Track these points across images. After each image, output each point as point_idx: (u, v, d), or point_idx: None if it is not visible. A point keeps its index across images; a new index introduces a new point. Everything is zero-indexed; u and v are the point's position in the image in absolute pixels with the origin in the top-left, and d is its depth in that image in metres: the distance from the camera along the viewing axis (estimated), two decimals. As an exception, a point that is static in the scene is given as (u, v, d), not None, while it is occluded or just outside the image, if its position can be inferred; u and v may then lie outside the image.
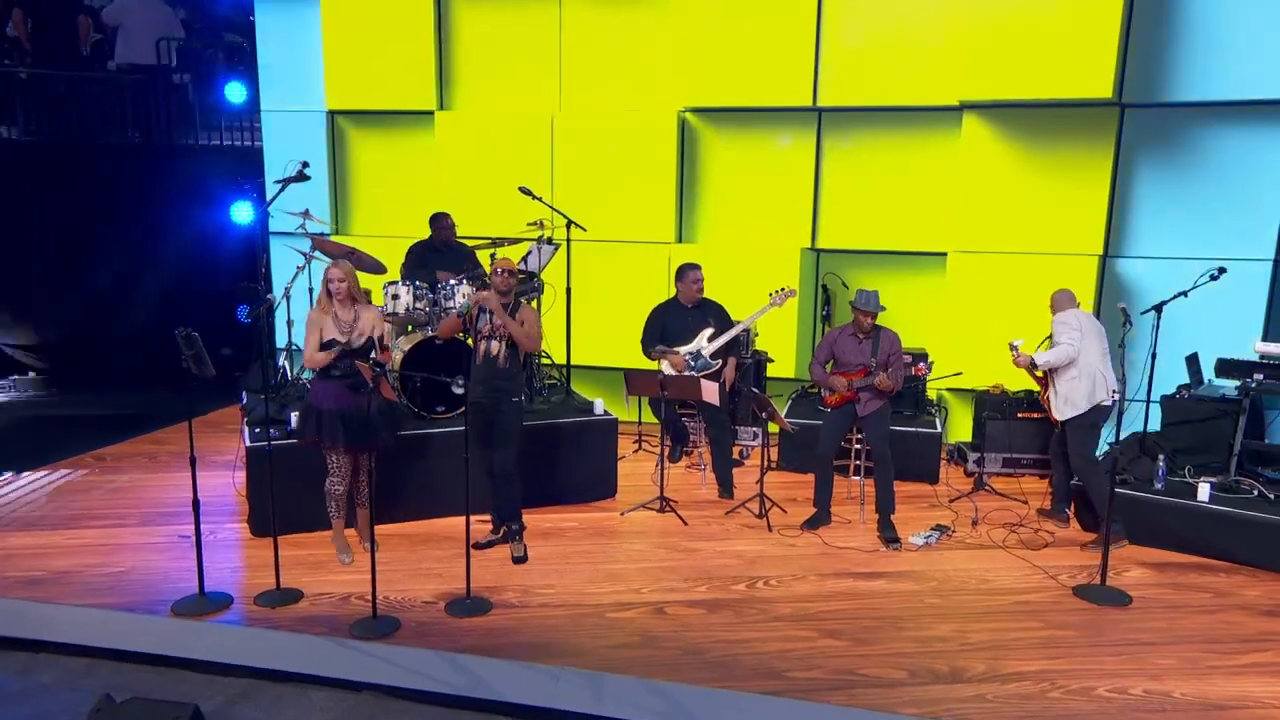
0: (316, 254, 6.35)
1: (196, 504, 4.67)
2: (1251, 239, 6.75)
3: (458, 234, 7.04)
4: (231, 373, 7.39)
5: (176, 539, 5.51)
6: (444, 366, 5.82)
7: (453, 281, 6.30)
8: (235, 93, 9.21)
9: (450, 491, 5.64)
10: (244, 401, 6.56)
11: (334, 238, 7.92)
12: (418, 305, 6.19)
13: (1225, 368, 5.64)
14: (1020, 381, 6.79)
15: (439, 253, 6.96)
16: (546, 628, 4.50)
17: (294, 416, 5.52)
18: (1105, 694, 3.88)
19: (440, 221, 7.02)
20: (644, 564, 5.29)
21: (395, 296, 6.18)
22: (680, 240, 7.99)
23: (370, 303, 5.40)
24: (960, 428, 7.44)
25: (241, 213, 8.52)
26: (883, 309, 5.70)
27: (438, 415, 6.02)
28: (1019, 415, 6.59)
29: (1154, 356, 5.59)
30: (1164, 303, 5.59)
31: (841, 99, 7.51)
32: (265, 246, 7.74)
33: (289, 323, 6.71)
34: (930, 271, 7.55)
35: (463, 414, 5.13)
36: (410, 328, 6.41)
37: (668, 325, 6.49)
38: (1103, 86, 6.49)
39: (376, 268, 6.29)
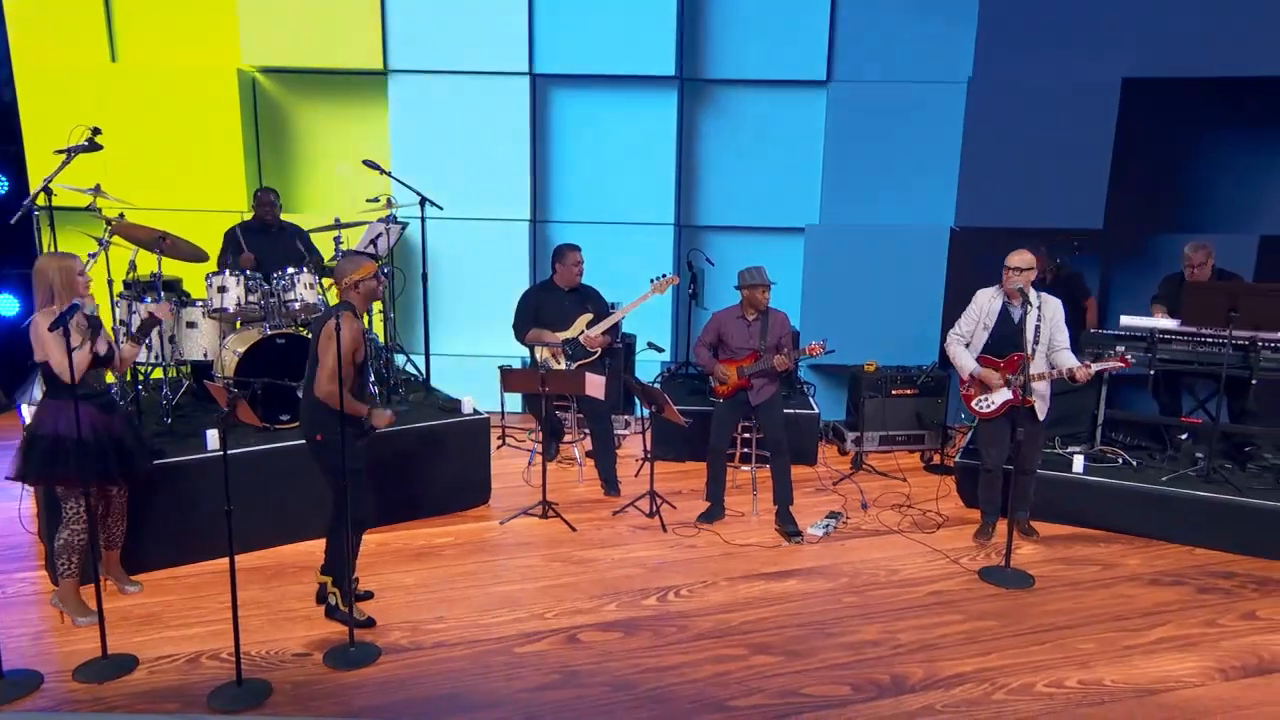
0: (115, 239, 5.26)
1: (-12, 566, 3.70)
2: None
3: (281, 213, 6.14)
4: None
5: (-50, 599, 4.43)
6: (286, 370, 5.05)
7: (291, 270, 5.44)
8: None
9: (303, 511, 4.92)
10: (25, 421, 5.38)
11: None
12: (250, 299, 5.29)
13: (1089, 340, 5.84)
14: (893, 360, 6.83)
15: (263, 234, 6.04)
16: (450, 673, 3.92)
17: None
18: (1045, 689, 3.83)
19: (261, 197, 6.08)
20: (540, 582, 4.80)
21: (222, 289, 5.24)
22: (536, 218, 7.40)
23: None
24: (824, 406, 7.39)
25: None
26: (774, 282, 5.42)
27: (282, 425, 5.19)
28: (893, 393, 6.60)
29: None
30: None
31: (705, 70, 7.19)
32: (36, 226, 6.40)
33: (80, 321, 5.55)
34: (790, 247, 7.41)
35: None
36: (239, 324, 5.49)
37: (543, 310, 5.95)
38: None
39: (196, 255, 5.30)
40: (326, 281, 5.71)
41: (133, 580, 4.59)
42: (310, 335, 4.20)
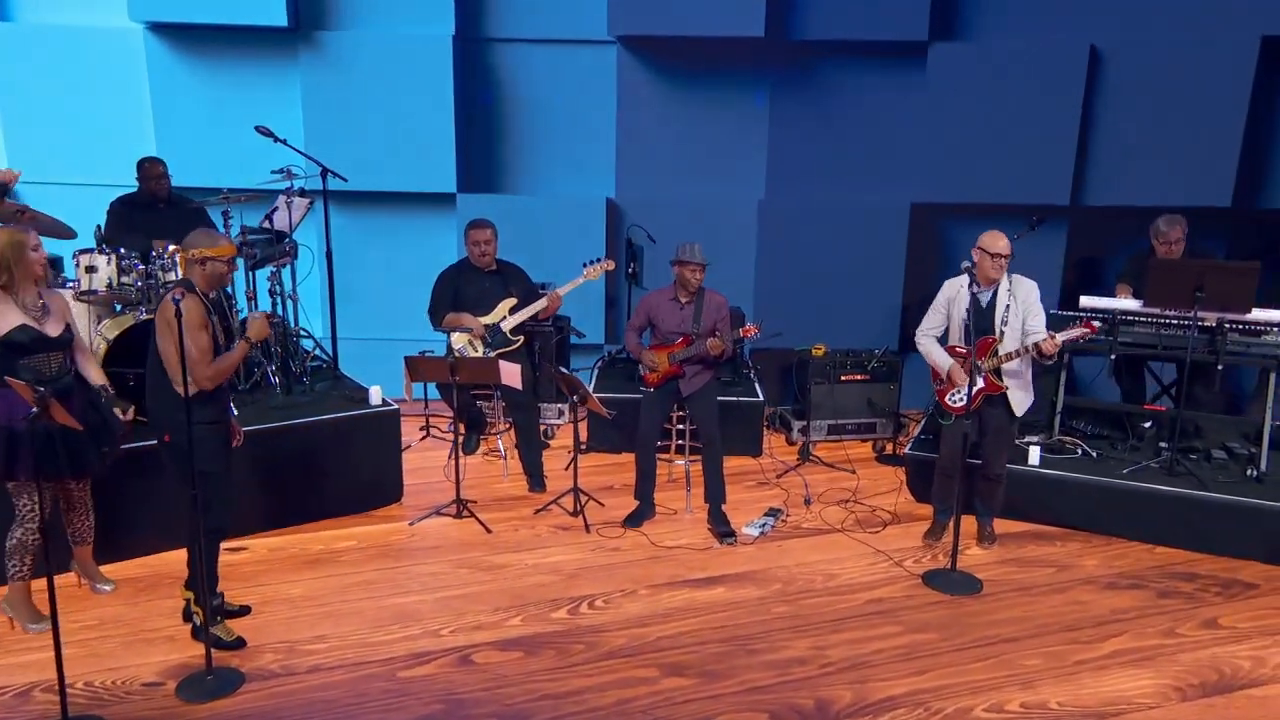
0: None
1: None
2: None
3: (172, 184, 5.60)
4: None
5: None
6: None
7: (173, 246, 4.92)
8: None
9: (181, 516, 4.42)
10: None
11: None
12: (124, 280, 4.77)
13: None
14: (851, 344, 6.42)
15: (151, 209, 5.51)
16: (319, 703, 3.49)
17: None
18: (983, 714, 3.45)
19: (148, 169, 5.53)
20: (442, 592, 4.36)
21: (91, 269, 4.71)
22: (466, 190, 6.88)
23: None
24: (770, 393, 6.94)
25: None
26: (710, 261, 4.97)
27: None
28: (842, 379, 6.18)
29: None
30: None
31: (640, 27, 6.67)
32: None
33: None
34: (742, 223, 6.94)
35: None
36: (120, 308, 4.99)
37: (461, 292, 5.48)
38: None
39: (60, 231, 4.78)
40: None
41: (106, 578, 4.25)
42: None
